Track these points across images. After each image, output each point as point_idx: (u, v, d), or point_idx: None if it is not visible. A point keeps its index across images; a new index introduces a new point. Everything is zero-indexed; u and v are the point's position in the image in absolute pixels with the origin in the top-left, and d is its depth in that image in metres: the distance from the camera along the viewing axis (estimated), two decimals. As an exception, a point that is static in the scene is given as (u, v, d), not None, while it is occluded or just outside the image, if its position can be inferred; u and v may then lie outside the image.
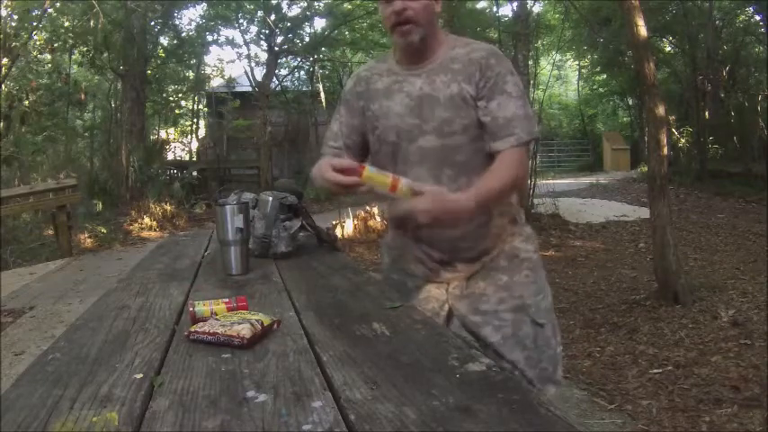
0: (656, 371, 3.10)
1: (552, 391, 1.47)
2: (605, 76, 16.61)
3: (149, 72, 12.59)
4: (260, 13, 12.98)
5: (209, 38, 13.58)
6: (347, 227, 7.33)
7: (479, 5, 12.32)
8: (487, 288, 1.47)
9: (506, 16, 10.99)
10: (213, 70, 15.98)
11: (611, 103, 19.56)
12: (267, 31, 13.09)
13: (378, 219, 7.39)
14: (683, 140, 12.32)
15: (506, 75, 1.39)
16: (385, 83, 1.49)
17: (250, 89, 13.57)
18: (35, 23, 9.46)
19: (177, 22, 13.48)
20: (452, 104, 1.39)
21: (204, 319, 1.16)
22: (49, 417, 0.79)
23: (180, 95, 15.54)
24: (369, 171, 1.29)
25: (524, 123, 1.37)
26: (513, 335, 1.45)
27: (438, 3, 1.43)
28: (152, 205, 9.73)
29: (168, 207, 9.91)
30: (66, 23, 10.65)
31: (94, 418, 0.78)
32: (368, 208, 7.76)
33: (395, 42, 1.45)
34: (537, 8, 11.40)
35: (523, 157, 1.40)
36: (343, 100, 1.59)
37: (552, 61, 14.18)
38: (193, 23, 14.34)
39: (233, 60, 27.29)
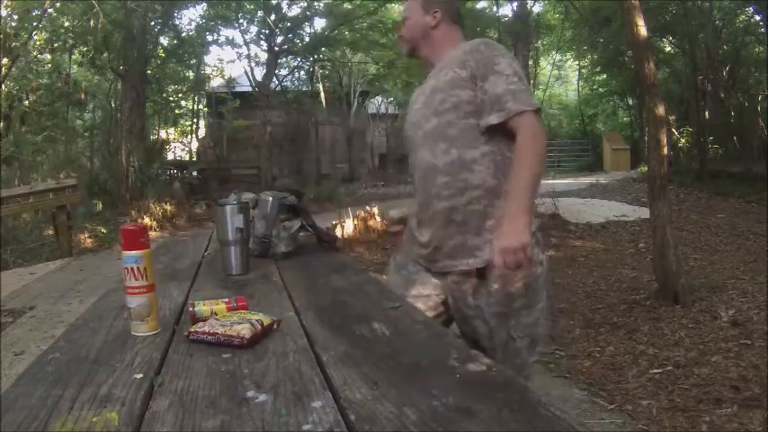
0: (656, 371, 3.10)
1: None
2: (605, 76, 16.61)
3: (149, 72, 12.59)
4: (260, 13, 12.98)
5: (209, 38, 13.59)
6: (347, 227, 7.32)
7: (479, 5, 12.34)
8: (480, 287, 1.57)
9: (506, 16, 11.00)
10: (213, 70, 16.01)
11: (611, 103, 19.56)
12: (267, 31, 13.09)
13: (378, 219, 7.39)
14: (683, 140, 12.32)
15: (496, 57, 1.54)
16: (416, 94, 1.77)
17: (250, 89, 13.58)
18: (35, 23, 9.46)
19: (177, 22, 13.49)
20: (448, 87, 1.58)
21: (204, 319, 1.16)
22: (49, 417, 0.79)
23: (180, 95, 15.55)
24: None
25: (517, 96, 1.48)
26: (490, 334, 1.58)
27: (431, 16, 1.67)
28: (152, 205, 9.72)
29: (168, 207, 9.91)
30: (67, 23, 10.64)
31: (94, 418, 0.78)
32: (368, 208, 7.77)
33: None
34: (537, 8, 11.41)
35: (530, 127, 1.48)
36: None
37: (552, 61, 14.20)
38: (193, 23, 14.33)
39: (233, 60, 27.32)
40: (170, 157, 15.02)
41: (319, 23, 14.37)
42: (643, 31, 4.35)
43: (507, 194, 1.49)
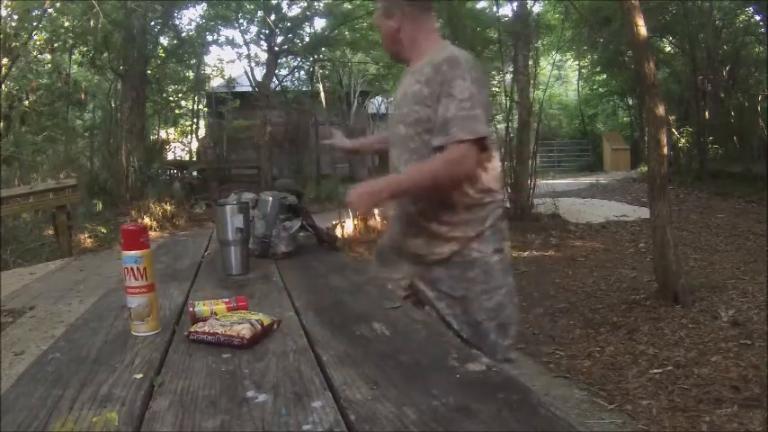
0: (656, 371, 3.10)
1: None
2: (605, 76, 16.60)
3: (149, 72, 12.58)
4: (260, 13, 12.96)
5: (209, 38, 13.56)
6: (347, 227, 7.32)
7: (479, 5, 12.32)
8: (443, 275, 1.67)
9: (506, 16, 10.98)
10: (213, 70, 15.97)
11: (611, 103, 19.54)
12: (267, 31, 13.08)
13: (378, 219, 7.39)
14: (683, 140, 12.31)
15: (454, 79, 1.55)
16: (401, 81, 1.81)
17: (250, 89, 13.57)
18: (35, 23, 9.46)
19: (177, 22, 13.46)
20: (412, 101, 1.65)
21: (204, 319, 1.16)
22: (49, 417, 0.79)
23: (180, 95, 15.53)
24: None
25: (463, 123, 1.52)
26: (461, 314, 1.66)
27: (393, 21, 1.71)
28: (152, 205, 9.72)
29: (168, 207, 9.91)
30: (67, 23, 10.64)
31: (94, 418, 0.78)
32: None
33: None
34: (537, 8, 11.40)
35: (456, 156, 1.53)
36: None
37: (552, 61, 14.17)
38: (193, 23, 14.29)
39: (233, 60, 27.28)
40: (170, 157, 15.00)
41: (319, 23, 14.38)
42: (643, 31, 4.35)
43: (396, 174, 1.67)
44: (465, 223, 1.64)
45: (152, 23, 12.22)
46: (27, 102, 8.61)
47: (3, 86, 8.29)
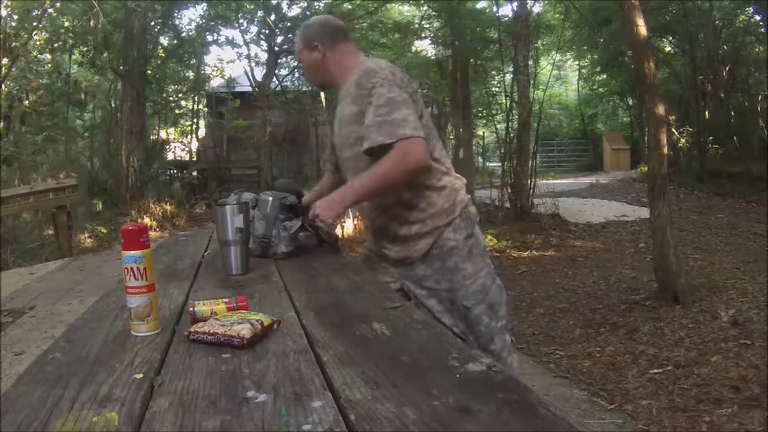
0: (656, 371, 3.10)
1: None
2: (605, 76, 16.59)
3: (149, 72, 12.57)
4: (260, 13, 12.96)
5: (209, 38, 13.55)
6: (347, 227, 7.32)
7: (479, 5, 12.32)
8: (426, 271, 1.73)
9: (506, 16, 10.98)
10: (213, 70, 15.96)
11: (611, 103, 19.54)
12: (267, 31, 13.08)
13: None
14: (683, 140, 12.31)
15: (373, 88, 1.62)
16: (337, 106, 1.86)
17: (250, 89, 13.55)
18: (35, 23, 9.45)
19: (177, 22, 13.46)
20: (348, 122, 1.73)
21: (204, 319, 1.16)
22: (49, 417, 0.79)
23: (180, 95, 15.52)
24: None
25: (382, 128, 1.58)
26: (449, 309, 1.71)
27: (316, 52, 1.78)
28: (152, 205, 9.72)
29: (168, 207, 9.91)
30: (67, 23, 10.63)
31: (94, 418, 0.78)
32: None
33: None
34: (537, 8, 11.40)
35: (393, 157, 1.58)
36: None
37: (552, 61, 14.17)
38: (193, 23, 14.25)
39: (233, 60, 27.23)
40: (170, 157, 15.00)
41: (319, 23, 14.35)
42: (643, 31, 4.35)
43: (350, 182, 1.73)
44: (432, 217, 1.71)
45: (152, 23, 12.21)
46: (27, 102, 8.59)
47: (3, 86, 8.29)
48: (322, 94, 13.94)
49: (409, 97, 1.64)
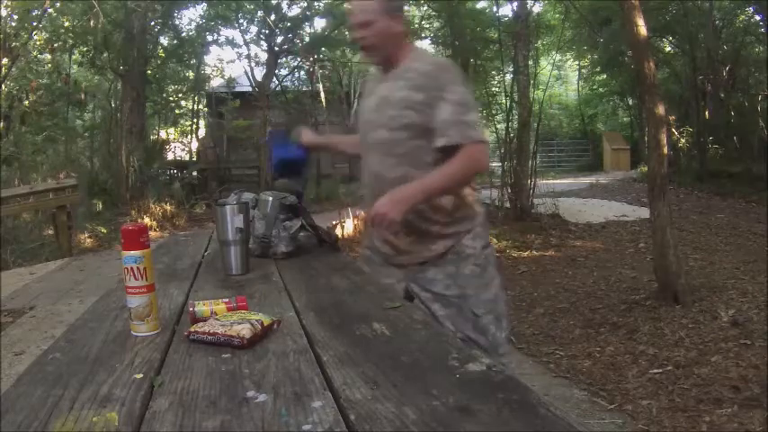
0: (656, 371, 3.10)
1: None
2: (605, 76, 16.59)
3: (149, 72, 12.57)
4: (260, 13, 12.96)
5: (210, 38, 13.55)
6: (347, 227, 7.32)
7: (479, 5, 12.32)
8: (437, 274, 1.69)
9: (506, 16, 10.98)
10: (213, 70, 15.96)
11: (611, 103, 19.53)
12: (267, 31, 13.07)
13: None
14: (683, 140, 12.31)
15: (448, 85, 1.61)
16: (370, 86, 1.83)
17: (250, 89, 13.56)
18: (35, 23, 9.45)
19: (177, 22, 13.46)
20: (400, 105, 1.65)
21: (204, 319, 1.16)
22: (49, 417, 0.79)
23: (180, 95, 15.51)
24: None
25: (459, 128, 1.58)
26: (456, 315, 1.68)
27: (397, 22, 1.67)
28: (152, 205, 9.72)
29: (168, 207, 9.90)
30: (67, 23, 10.62)
31: (94, 418, 0.78)
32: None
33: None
34: (537, 8, 11.39)
35: (465, 159, 1.58)
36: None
37: (552, 61, 14.16)
38: (193, 23, 14.25)
39: (233, 60, 27.24)
40: (170, 157, 15.00)
41: (319, 23, 14.37)
42: (643, 31, 4.35)
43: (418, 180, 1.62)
44: (457, 221, 1.70)
45: (152, 23, 12.21)
46: (27, 102, 8.59)
47: (3, 86, 8.28)
48: (322, 94, 13.94)
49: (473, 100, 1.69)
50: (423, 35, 12.27)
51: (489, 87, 11.52)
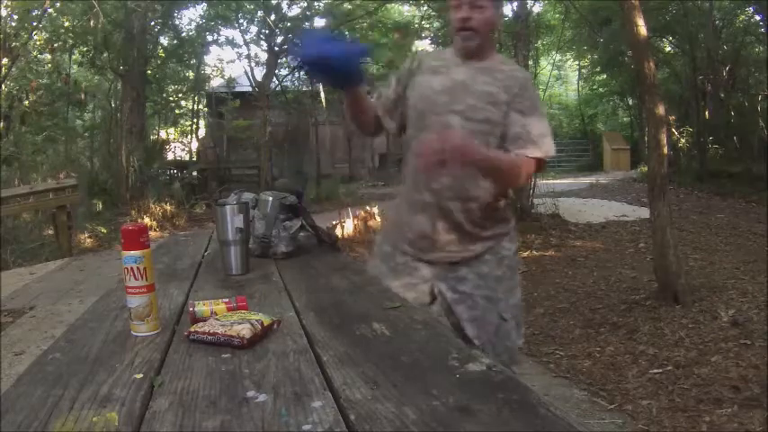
0: (656, 371, 3.10)
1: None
2: (605, 76, 16.58)
3: (149, 72, 12.56)
4: (260, 13, 12.96)
5: (210, 38, 13.54)
6: (347, 227, 7.32)
7: (479, 5, 12.31)
8: (469, 274, 1.65)
9: (506, 16, 10.98)
10: (213, 70, 15.94)
11: (611, 103, 19.52)
12: (267, 31, 13.07)
13: (378, 219, 7.39)
14: (683, 140, 12.31)
15: (538, 100, 1.70)
16: (436, 64, 1.70)
17: (250, 89, 13.55)
18: (35, 23, 9.45)
19: (177, 22, 13.45)
20: (483, 98, 1.60)
21: (204, 319, 1.16)
22: (49, 417, 0.79)
23: (180, 95, 15.51)
24: None
25: (545, 141, 1.61)
26: (481, 317, 1.63)
27: (499, 18, 1.75)
28: (152, 205, 9.72)
29: (168, 207, 9.90)
30: (67, 23, 10.62)
31: (94, 418, 0.78)
32: (368, 208, 7.76)
33: (455, 42, 1.67)
34: (537, 8, 11.40)
35: (530, 167, 1.61)
36: (396, 74, 1.79)
37: (552, 61, 14.17)
38: (193, 23, 14.24)
39: (233, 60, 27.23)
40: (170, 157, 14.99)
41: (319, 23, 14.37)
42: (643, 31, 4.35)
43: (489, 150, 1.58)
44: (499, 223, 1.69)
45: (152, 23, 12.20)
46: (27, 102, 8.59)
47: (3, 86, 8.28)
48: (322, 94, 13.93)
49: None
50: (423, 35, 12.28)
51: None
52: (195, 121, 16.64)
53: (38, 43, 10.47)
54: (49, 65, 11.28)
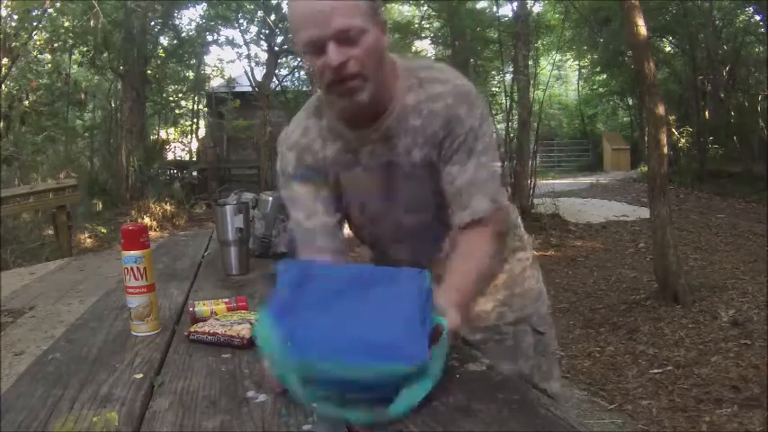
0: (656, 371, 3.10)
1: (556, 387, 1.38)
2: (605, 76, 16.59)
3: (149, 72, 12.58)
4: (260, 13, 12.97)
5: (209, 38, 13.57)
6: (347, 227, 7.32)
7: (479, 5, 12.33)
8: (486, 305, 1.28)
9: (506, 16, 11.00)
10: (213, 70, 15.95)
11: (611, 103, 19.52)
12: (267, 31, 13.08)
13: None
14: (683, 140, 12.31)
15: (479, 128, 1.08)
16: (333, 151, 1.14)
17: (250, 89, 13.56)
18: (35, 23, 9.45)
19: (177, 22, 13.47)
20: (418, 175, 1.11)
21: (204, 319, 1.16)
22: (49, 417, 0.79)
23: (180, 95, 15.52)
24: None
25: (486, 191, 1.09)
26: (515, 345, 1.29)
27: (384, 35, 1.03)
28: (152, 205, 9.72)
29: (168, 207, 9.91)
30: (67, 23, 10.63)
31: (94, 418, 0.78)
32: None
33: (330, 102, 1.09)
34: (537, 8, 11.40)
35: (491, 241, 1.12)
36: (292, 178, 1.20)
37: (552, 61, 14.16)
38: (193, 23, 14.28)
39: (233, 60, 27.27)
40: (170, 157, 15.00)
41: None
42: (643, 31, 4.35)
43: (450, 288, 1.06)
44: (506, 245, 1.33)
45: (152, 23, 12.22)
46: (27, 102, 8.59)
47: (3, 86, 8.28)
48: (322, 94, 13.93)
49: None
50: (423, 35, 12.28)
51: (489, 87, 11.53)
52: (195, 121, 16.64)
53: (38, 43, 10.47)
54: (49, 65, 11.28)
